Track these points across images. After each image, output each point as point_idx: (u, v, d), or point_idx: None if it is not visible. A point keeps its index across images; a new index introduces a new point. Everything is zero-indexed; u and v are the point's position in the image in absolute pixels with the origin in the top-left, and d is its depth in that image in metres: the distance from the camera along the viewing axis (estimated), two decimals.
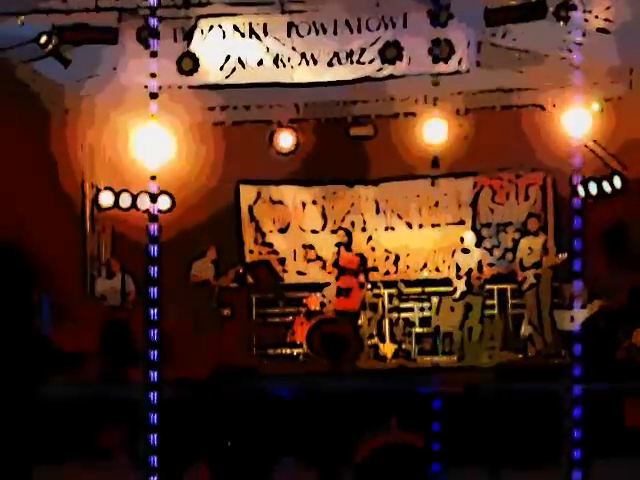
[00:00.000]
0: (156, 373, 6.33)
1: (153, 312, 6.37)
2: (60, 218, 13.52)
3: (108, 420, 9.12)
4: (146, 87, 7.07)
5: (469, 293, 13.96)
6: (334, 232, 15.32)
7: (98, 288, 14.46)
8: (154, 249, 6.42)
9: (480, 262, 14.16)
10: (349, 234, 14.29)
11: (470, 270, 14.02)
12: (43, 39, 11.87)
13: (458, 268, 14.17)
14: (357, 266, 13.77)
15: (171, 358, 7.18)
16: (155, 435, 6.31)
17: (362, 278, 13.83)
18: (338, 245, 14.03)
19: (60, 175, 13.70)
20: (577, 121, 14.14)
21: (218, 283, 14.23)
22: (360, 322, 14.33)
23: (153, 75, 6.93)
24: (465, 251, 14.29)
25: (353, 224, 15.93)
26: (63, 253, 12.99)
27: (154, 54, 7.00)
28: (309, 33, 12.16)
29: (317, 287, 14.79)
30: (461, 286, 14.03)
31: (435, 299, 14.72)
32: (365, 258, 14.14)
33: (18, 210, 11.77)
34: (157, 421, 6.36)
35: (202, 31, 12.18)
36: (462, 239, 14.53)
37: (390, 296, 14.91)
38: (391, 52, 11.96)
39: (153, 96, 6.88)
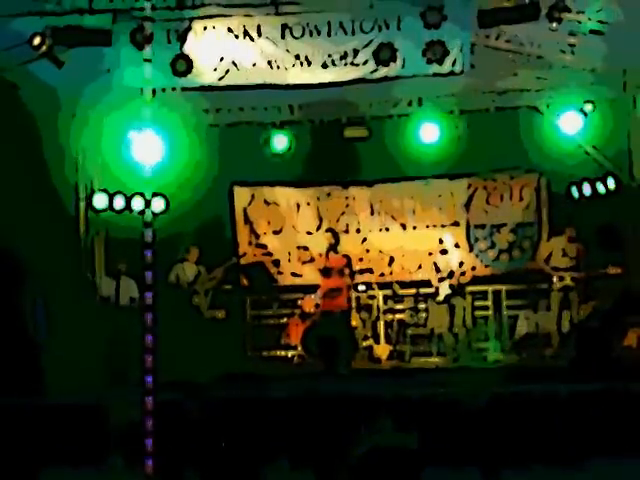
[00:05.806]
0: (150, 378, 6.32)
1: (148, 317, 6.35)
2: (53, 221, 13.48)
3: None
4: (140, 89, 7.06)
5: (453, 295, 14.02)
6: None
7: (103, 291, 14.31)
8: (149, 252, 6.40)
9: (461, 263, 14.22)
10: (336, 235, 14.30)
11: (452, 272, 14.07)
12: (36, 40, 11.82)
13: (437, 270, 14.22)
14: (343, 266, 13.77)
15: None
16: (150, 440, 6.30)
17: (348, 279, 13.82)
18: (328, 250, 14.05)
19: (53, 178, 13.65)
20: (570, 123, 14.25)
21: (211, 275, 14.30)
22: (354, 323, 14.35)
23: (147, 77, 6.93)
24: (444, 252, 14.35)
25: (347, 225, 15.96)
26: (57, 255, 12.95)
27: (148, 56, 7.00)
28: (303, 35, 12.13)
29: (312, 289, 14.79)
30: (444, 288, 14.06)
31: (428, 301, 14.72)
32: (350, 258, 14.10)
33: (10, 213, 11.75)
34: (152, 426, 6.35)
35: (196, 33, 12.17)
36: (441, 240, 14.58)
37: (385, 297, 14.93)
38: (385, 54, 11.95)
39: (147, 98, 6.88)
